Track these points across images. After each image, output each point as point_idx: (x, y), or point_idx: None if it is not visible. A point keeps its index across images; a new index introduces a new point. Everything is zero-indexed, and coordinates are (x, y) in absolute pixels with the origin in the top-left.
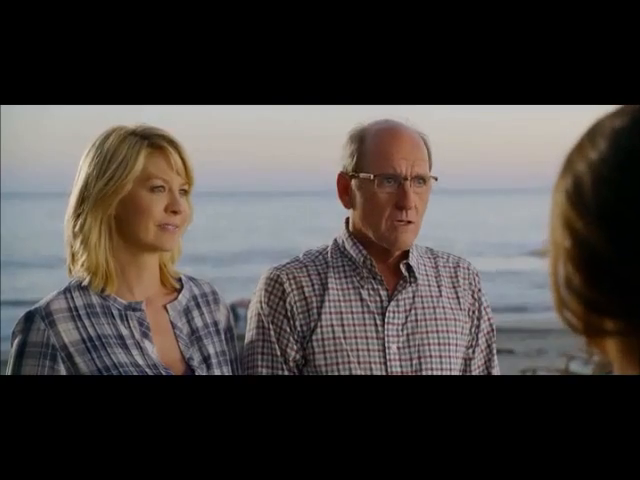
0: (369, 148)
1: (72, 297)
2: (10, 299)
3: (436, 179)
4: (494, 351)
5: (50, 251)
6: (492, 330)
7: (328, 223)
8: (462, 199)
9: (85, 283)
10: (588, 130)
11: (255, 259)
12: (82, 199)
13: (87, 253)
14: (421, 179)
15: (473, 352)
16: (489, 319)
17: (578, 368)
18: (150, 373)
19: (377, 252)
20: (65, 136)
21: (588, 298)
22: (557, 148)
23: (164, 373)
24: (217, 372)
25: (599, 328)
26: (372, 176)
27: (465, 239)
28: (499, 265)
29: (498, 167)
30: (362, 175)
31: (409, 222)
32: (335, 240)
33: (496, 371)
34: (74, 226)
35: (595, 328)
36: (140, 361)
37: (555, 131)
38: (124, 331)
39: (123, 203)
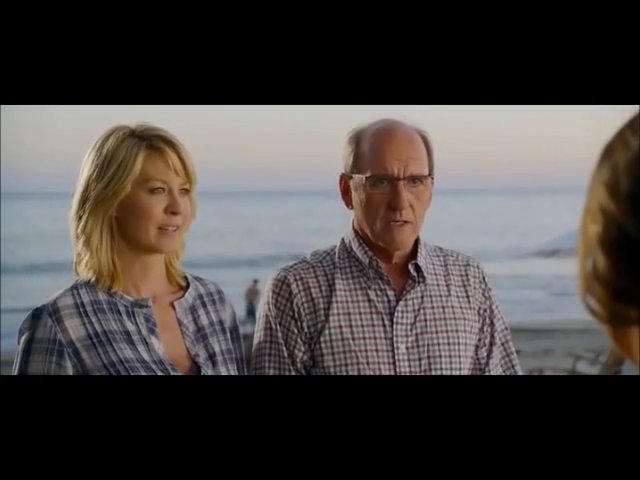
0: (364, 149)
1: (79, 294)
2: (9, 300)
3: (432, 178)
4: (512, 349)
5: (53, 252)
6: (506, 328)
7: (328, 223)
8: (461, 199)
9: (92, 282)
10: (629, 120)
11: (254, 260)
12: (83, 201)
13: (90, 254)
14: (416, 178)
15: (490, 352)
16: (502, 317)
17: (585, 368)
18: (156, 369)
19: (381, 252)
20: (66, 135)
21: (614, 285)
22: (557, 148)
23: (170, 369)
24: (223, 369)
25: (624, 316)
26: (364, 178)
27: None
28: (499, 268)
29: (497, 167)
30: (356, 176)
31: (405, 222)
32: (342, 240)
33: (519, 369)
34: (76, 227)
35: (619, 316)
36: (146, 357)
37: (555, 131)
38: (130, 327)
39: (123, 205)
